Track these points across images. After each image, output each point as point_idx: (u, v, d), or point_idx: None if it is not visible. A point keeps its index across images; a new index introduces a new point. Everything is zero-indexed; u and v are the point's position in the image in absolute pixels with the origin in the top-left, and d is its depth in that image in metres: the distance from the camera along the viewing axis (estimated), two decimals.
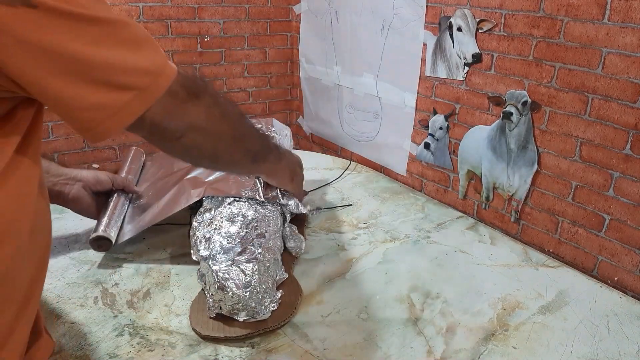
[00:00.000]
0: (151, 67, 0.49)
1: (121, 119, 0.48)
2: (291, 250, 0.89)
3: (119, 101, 0.47)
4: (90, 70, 0.45)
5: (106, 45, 0.46)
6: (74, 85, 0.44)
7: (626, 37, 0.83)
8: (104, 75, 0.46)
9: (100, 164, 1.51)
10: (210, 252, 0.76)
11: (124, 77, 0.47)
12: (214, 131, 0.62)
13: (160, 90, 0.50)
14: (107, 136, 0.48)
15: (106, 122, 0.47)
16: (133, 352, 0.67)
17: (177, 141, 0.57)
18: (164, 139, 0.56)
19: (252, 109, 1.74)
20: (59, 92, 0.44)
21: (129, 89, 0.48)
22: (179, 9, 1.48)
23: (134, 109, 0.49)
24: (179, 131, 0.56)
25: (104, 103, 0.46)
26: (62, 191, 0.86)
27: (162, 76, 0.50)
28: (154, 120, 0.52)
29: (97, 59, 0.45)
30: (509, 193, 1.09)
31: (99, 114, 0.47)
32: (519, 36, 0.99)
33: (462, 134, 1.16)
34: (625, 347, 0.73)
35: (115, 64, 0.46)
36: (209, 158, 0.65)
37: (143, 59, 0.49)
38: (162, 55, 0.51)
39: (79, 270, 0.85)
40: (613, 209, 0.91)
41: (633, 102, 0.84)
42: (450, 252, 0.96)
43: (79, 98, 0.45)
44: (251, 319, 0.72)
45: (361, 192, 1.23)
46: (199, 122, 0.58)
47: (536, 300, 0.82)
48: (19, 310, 0.49)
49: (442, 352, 0.70)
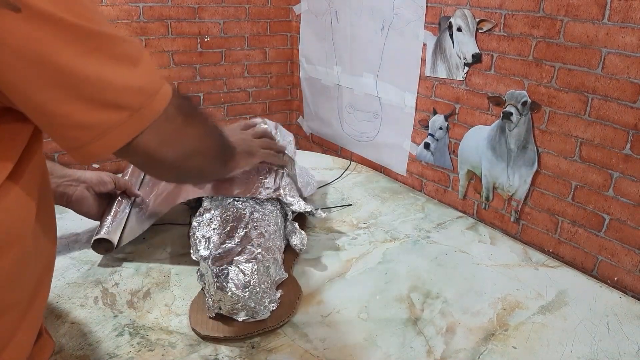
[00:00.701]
0: (146, 85, 0.45)
1: (109, 142, 0.44)
2: (295, 247, 0.88)
3: (109, 121, 0.43)
4: (78, 85, 0.41)
5: (98, 59, 0.41)
6: (59, 100, 0.40)
7: (626, 37, 0.83)
8: (94, 91, 0.41)
9: (100, 164, 1.51)
10: (209, 252, 0.76)
11: (116, 95, 0.43)
12: (203, 151, 0.58)
13: (155, 112, 0.46)
14: (94, 159, 0.44)
15: (93, 143, 0.43)
16: (133, 352, 0.67)
17: (172, 171, 0.53)
18: (159, 167, 0.52)
19: (252, 109, 1.74)
20: (43, 106, 0.40)
21: (121, 108, 0.43)
22: (179, 9, 1.48)
23: (125, 132, 0.44)
24: (177, 160, 0.52)
25: (91, 122, 0.42)
26: (66, 192, 0.86)
27: (158, 96, 0.46)
28: (148, 148, 0.47)
29: (87, 73, 0.41)
30: (508, 193, 1.09)
31: (85, 135, 0.42)
32: (519, 36, 0.99)
33: (462, 134, 1.16)
34: (625, 346, 0.73)
35: (107, 80, 0.42)
36: (196, 177, 0.63)
37: (137, 77, 0.44)
38: (159, 75, 0.47)
39: (79, 270, 0.85)
40: (613, 209, 0.91)
41: (633, 102, 0.84)
42: (450, 252, 0.96)
43: (64, 115, 0.41)
44: (250, 319, 0.72)
45: (361, 192, 1.23)
46: (193, 146, 0.55)
47: (536, 300, 0.83)
48: (21, 315, 0.48)
49: (442, 352, 0.70)
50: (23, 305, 0.49)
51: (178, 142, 0.51)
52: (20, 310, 0.48)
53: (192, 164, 0.56)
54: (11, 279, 0.46)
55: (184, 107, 0.51)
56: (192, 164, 0.57)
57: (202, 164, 0.60)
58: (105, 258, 0.89)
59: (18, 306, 0.48)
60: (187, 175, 0.60)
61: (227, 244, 0.77)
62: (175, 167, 0.52)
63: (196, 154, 0.56)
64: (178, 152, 0.51)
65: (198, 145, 0.56)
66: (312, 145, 1.75)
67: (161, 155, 0.49)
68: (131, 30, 1.43)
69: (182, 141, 0.52)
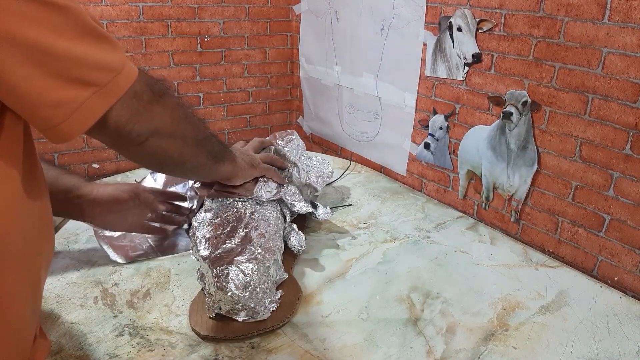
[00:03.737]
0: (111, 63, 0.46)
1: (80, 119, 0.44)
2: (293, 248, 0.88)
3: (77, 99, 0.43)
4: (49, 61, 0.41)
5: (67, 36, 0.42)
6: (32, 79, 0.40)
7: (626, 37, 0.83)
8: (62, 67, 0.42)
9: (100, 164, 1.51)
10: (210, 252, 0.76)
11: (85, 71, 0.44)
12: (179, 134, 0.59)
13: (122, 89, 0.47)
14: (68, 137, 0.44)
15: (65, 122, 0.43)
16: (133, 352, 0.67)
17: (141, 146, 0.54)
18: (128, 143, 0.53)
19: (252, 109, 1.74)
20: (17, 87, 0.40)
21: (88, 84, 0.44)
22: (179, 9, 1.48)
23: (95, 108, 0.45)
24: (143, 134, 0.53)
25: (61, 100, 0.43)
26: (79, 208, 0.80)
27: (123, 74, 0.47)
28: (118, 123, 0.48)
29: (56, 48, 0.41)
30: (509, 193, 1.09)
31: (57, 113, 0.43)
32: (519, 36, 0.99)
33: (462, 134, 1.16)
34: (625, 347, 0.73)
35: (76, 56, 0.43)
36: (175, 162, 0.62)
37: (103, 54, 0.45)
38: (123, 54, 0.48)
39: (79, 270, 0.85)
40: (613, 209, 0.91)
41: (633, 102, 0.84)
42: (450, 252, 0.96)
43: (36, 94, 0.41)
44: (251, 319, 0.72)
45: (361, 192, 1.23)
46: (164, 124, 0.56)
47: (536, 300, 0.83)
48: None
49: (442, 352, 0.70)
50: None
51: (147, 118, 0.52)
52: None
53: (164, 145, 0.57)
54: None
55: (154, 86, 0.52)
56: (165, 145, 0.57)
57: (179, 149, 0.60)
58: (105, 258, 0.89)
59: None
60: (162, 156, 0.59)
61: (228, 244, 0.77)
62: (142, 144, 0.53)
63: (168, 135, 0.57)
64: (147, 127, 0.53)
65: (170, 126, 0.57)
66: (312, 145, 1.75)
67: (130, 129, 0.50)
68: (131, 30, 1.43)
69: (151, 117, 0.53)
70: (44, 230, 0.53)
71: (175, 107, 0.58)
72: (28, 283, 0.50)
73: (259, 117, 1.76)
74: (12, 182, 0.45)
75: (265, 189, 0.88)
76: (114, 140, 0.52)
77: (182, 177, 0.86)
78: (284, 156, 0.97)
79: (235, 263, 0.73)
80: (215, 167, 0.75)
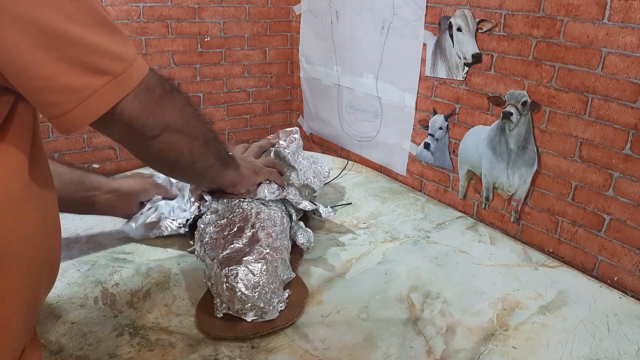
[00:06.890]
0: (125, 54, 0.46)
1: (92, 107, 0.44)
2: (302, 246, 0.88)
3: (91, 86, 0.43)
4: (62, 46, 0.41)
5: (81, 23, 0.42)
6: (43, 62, 0.40)
7: (626, 37, 0.83)
8: (76, 53, 0.42)
9: (100, 163, 1.51)
10: (218, 253, 0.76)
11: (99, 58, 0.43)
12: (189, 131, 0.59)
13: (135, 80, 0.47)
14: (78, 126, 0.44)
15: (76, 109, 0.43)
16: (133, 352, 0.67)
17: (153, 140, 0.53)
18: (141, 136, 0.52)
19: (252, 109, 1.74)
20: (27, 69, 0.40)
21: (102, 73, 0.44)
22: (179, 9, 1.48)
23: (108, 97, 0.45)
24: (157, 128, 0.52)
25: (74, 86, 0.42)
26: (91, 202, 0.85)
27: (135, 66, 0.47)
28: (131, 115, 0.48)
29: (70, 34, 0.41)
30: (508, 193, 1.09)
31: (68, 99, 0.42)
32: (519, 36, 0.99)
33: (462, 134, 1.16)
34: (625, 347, 0.73)
35: (90, 43, 0.42)
36: (186, 160, 0.62)
37: (117, 45, 0.45)
38: (134, 48, 0.48)
39: (79, 270, 0.85)
40: (613, 209, 0.91)
41: (633, 102, 0.84)
42: (450, 252, 0.96)
43: (47, 77, 0.41)
44: (259, 319, 0.72)
45: (361, 192, 1.23)
46: (175, 120, 0.55)
47: (536, 300, 0.83)
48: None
49: (442, 352, 0.70)
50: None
51: (159, 112, 0.52)
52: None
53: (175, 140, 0.56)
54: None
55: (164, 83, 0.52)
56: (175, 141, 0.57)
57: (189, 146, 0.60)
58: (105, 258, 0.89)
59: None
60: (174, 153, 0.58)
61: (235, 244, 0.77)
62: (155, 138, 0.53)
63: (178, 131, 0.56)
64: (159, 122, 0.52)
65: (180, 122, 0.56)
66: (312, 145, 1.75)
67: (142, 123, 0.50)
68: (131, 30, 1.43)
69: (163, 112, 0.52)
70: (48, 233, 0.51)
71: (185, 105, 0.58)
72: (24, 285, 0.49)
73: (259, 117, 1.76)
74: (20, 167, 0.45)
75: (269, 189, 0.88)
76: (125, 134, 0.51)
77: (190, 179, 0.85)
78: (284, 159, 0.98)
79: (244, 263, 0.73)
80: (223, 170, 0.75)
